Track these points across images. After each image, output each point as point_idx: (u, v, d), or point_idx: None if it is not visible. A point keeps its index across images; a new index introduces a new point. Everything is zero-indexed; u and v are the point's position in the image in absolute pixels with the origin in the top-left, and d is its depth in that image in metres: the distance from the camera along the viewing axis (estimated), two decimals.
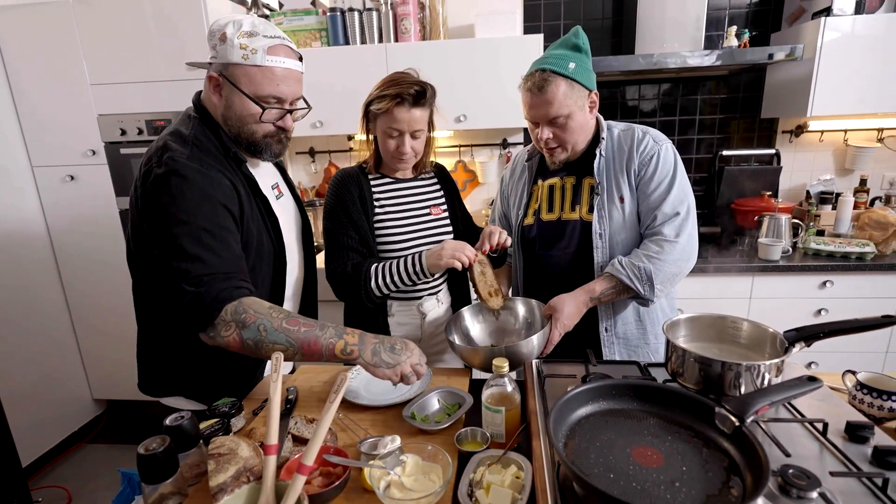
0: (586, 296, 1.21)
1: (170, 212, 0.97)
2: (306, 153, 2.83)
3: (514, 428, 0.94)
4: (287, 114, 1.11)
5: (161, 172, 0.99)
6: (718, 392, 0.87)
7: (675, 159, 1.28)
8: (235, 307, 0.95)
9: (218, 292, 0.94)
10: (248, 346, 0.95)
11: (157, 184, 0.99)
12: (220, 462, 0.81)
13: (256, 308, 0.96)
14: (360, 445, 0.90)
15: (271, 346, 0.94)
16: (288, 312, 0.98)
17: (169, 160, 1.00)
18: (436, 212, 1.40)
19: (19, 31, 2.23)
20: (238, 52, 1.02)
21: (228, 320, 0.95)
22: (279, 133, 1.12)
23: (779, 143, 2.56)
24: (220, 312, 0.94)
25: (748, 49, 2.12)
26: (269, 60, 1.03)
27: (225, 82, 1.05)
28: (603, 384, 0.85)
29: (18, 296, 2.36)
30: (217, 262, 0.98)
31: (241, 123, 1.08)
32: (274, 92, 1.06)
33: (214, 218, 1.00)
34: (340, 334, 0.97)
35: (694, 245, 1.24)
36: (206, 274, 0.96)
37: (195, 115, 1.11)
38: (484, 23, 2.30)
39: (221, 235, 1.00)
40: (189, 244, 0.96)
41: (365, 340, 0.98)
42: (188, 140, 1.05)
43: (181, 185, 0.98)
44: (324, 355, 0.96)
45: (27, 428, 2.33)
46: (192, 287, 0.95)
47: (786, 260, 2.11)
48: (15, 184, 2.37)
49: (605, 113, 2.60)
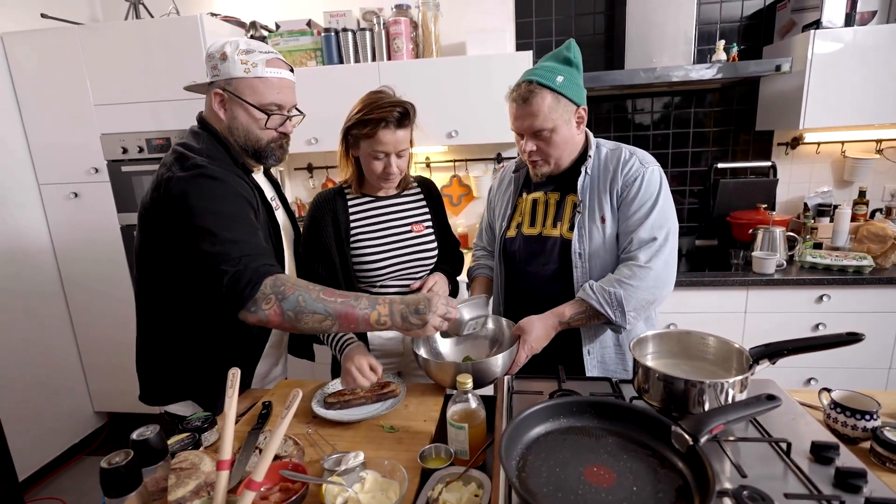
0: (556, 319, 1.20)
1: (200, 205, 1.03)
2: (304, 169, 2.88)
3: (479, 444, 0.93)
4: (287, 120, 1.21)
5: (186, 175, 1.05)
6: (683, 409, 0.86)
7: (661, 183, 1.23)
8: (274, 281, 1.00)
9: (257, 267, 1.00)
10: (287, 317, 1.00)
11: (183, 184, 1.04)
12: (180, 476, 0.82)
13: (294, 281, 1.02)
14: (324, 461, 0.91)
15: (311, 316, 1.00)
16: (323, 286, 1.04)
17: (192, 165, 1.07)
18: (417, 228, 1.41)
19: (29, 55, 2.33)
20: (240, 66, 1.12)
21: (268, 293, 1.00)
22: (281, 139, 1.21)
23: (775, 156, 2.54)
24: (260, 286, 0.99)
25: (752, 62, 2.11)
26: (269, 72, 1.14)
27: (230, 96, 1.14)
28: (562, 402, 0.85)
29: (24, 308, 2.42)
30: (251, 244, 1.04)
31: (248, 132, 1.17)
32: (275, 100, 1.15)
33: (241, 209, 1.08)
34: (374, 304, 1.04)
35: (670, 272, 1.21)
36: (243, 255, 1.01)
37: (202, 131, 1.18)
38: (475, 40, 2.34)
39: (250, 223, 1.08)
40: (222, 230, 1.02)
41: (394, 310, 1.05)
42: (202, 152, 1.12)
43: (209, 183, 1.06)
44: (360, 325, 1.03)
45: (29, 439, 2.37)
46: (230, 267, 0.99)
47: (781, 273, 2.08)
48: (22, 200, 2.45)
49: (600, 127, 2.63)
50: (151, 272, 1.17)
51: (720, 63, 2.16)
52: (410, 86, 2.35)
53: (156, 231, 1.11)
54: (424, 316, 1.04)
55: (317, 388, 1.21)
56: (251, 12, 2.68)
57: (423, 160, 2.76)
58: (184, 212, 1.03)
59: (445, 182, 2.77)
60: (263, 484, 0.82)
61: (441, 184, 2.78)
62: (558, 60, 1.22)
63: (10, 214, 2.38)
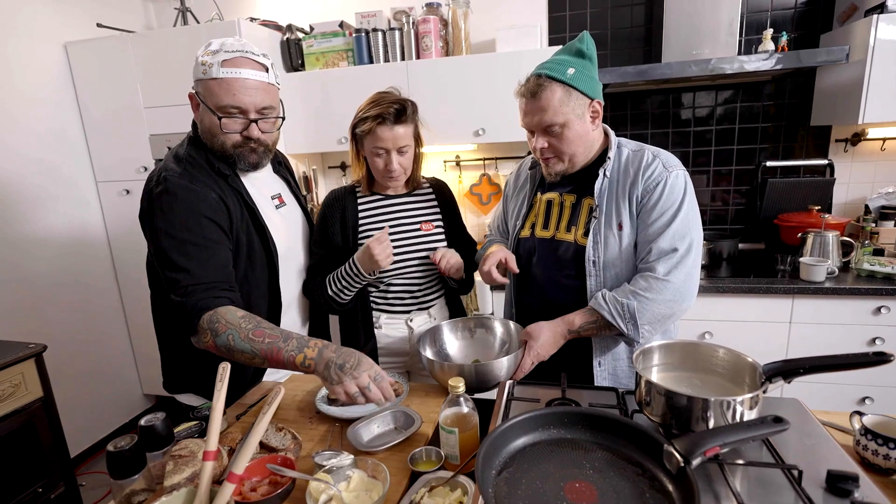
0: (565, 327, 1.15)
1: (160, 227, 1.08)
2: (338, 167, 2.95)
3: (471, 450, 0.91)
4: (251, 123, 1.13)
5: (156, 191, 1.10)
6: (685, 427, 0.81)
7: (685, 189, 1.15)
8: (210, 317, 1.03)
9: (196, 302, 1.03)
10: (222, 351, 1.04)
11: (150, 201, 1.10)
12: (178, 463, 0.86)
13: (228, 318, 1.03)
14: (315, 457, 0.92)
15: (241, 354, 1.02)
16: (258, 322, 1.04)
17: (163, 179, 1.10)
18: (426, 227, 1.41)
19: (88, 62, 2.52)
20: (200, 68, 1.10)
21: (205, 328, 1.03)
22: (247, 143, 1.15)
23: (832, 153, 2.33)
24: (198, 320, 1.03)
25: (816, 50, 1.93)
26: (224, 72, 1.07)
27: (199, 99, 1.13)
28: (552, 411, 0.82)
29: (81, 297, 2.63)
30: (201, 273, 1.06)
31: (211, 136, 1.14)
32: (231, 102, 1.09)
33: (199, 231, 1.08)
34: (302, 347, 1.01)
35: (691, 286, 1.13)
36: (190, 284, 1.05)
37: (191, 135, 1.21)
38: (505, 37, 2.30)
39: (207, 246, 1.09)
40: (176, 256, 1.06)
41: (323, 355, 1.00)
42: (182, 159, 1.15)
43: (170, 202, 1.08)
44: (286, 365, 1.01)
45: (83, 419, 2.58)
46: (177, 297, 1.05)
47: (833, 282, 1.91)
48: (83, 197, 2.66)
49: (637, 124, 2.51)
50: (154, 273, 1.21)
51: (778, 53, 1.99)
52: (438, 84, 2.37)
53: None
54: (344, 376, 0.96)
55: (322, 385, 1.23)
56: (288, 15, 2.77)
57: (454, 158, 2.75)
58: (147, 229, 1.10)
59: (475, 181, 2.75)
60: (252, 476, 0.85)
61: (470, 182, 2.76)
62: (570, 53, 1.17)
63: (73, 210, 2.60)
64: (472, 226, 2.84)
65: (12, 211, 2.31)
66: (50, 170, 2.48)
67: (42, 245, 2.44)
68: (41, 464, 1.86)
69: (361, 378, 0.97)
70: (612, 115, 2.53)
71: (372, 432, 1.03)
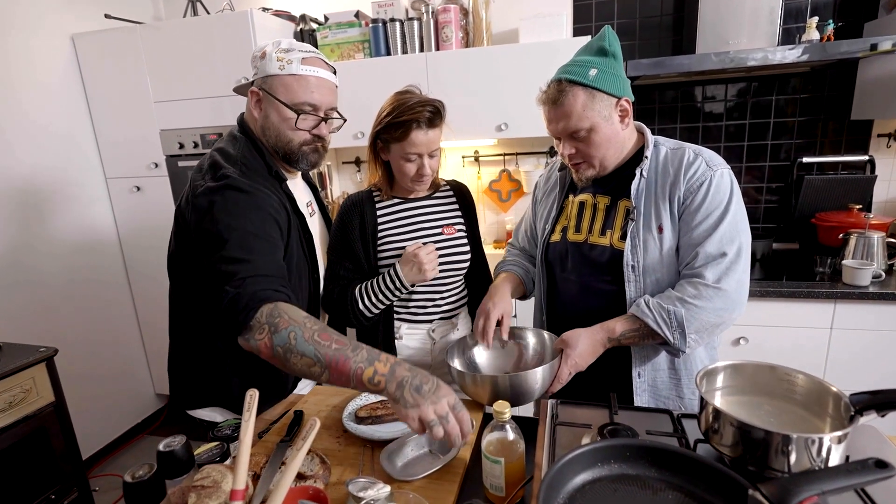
0: (604, 334, 1.08)
1: (223, 219, 1.00)
2: (352, 163, 2.86)
3: (517, 481, 0.84)
4: (322, 122, 1.15)
5: (215, 185, 1.04)
6: (761, 464, 0.73)
7: (732, 189, 1.07)
8: (272, 310, 0.91)
9: (255, 291, 0.92)
10: (277, 353, 0.90)
11: (211, 195, 1.03)
12: (200, 496, 0.79)
13: (291, 314, 0.91)
14: (349, 485, 0.85)
15: (300, 358, 0.88)
16: (324, 325, 0.92)
17: (223, 176, 1.05)
18: (449, 231, 1.33)
19: (96, 55, 2.44)
20: (276, 63, 1.09)
21: (263, 322, 0.91)
22: (315, 141, 1.16)
23: (874, 149, 2.21)
24: (255, 313, 0.91)
25: (844, 41, 1.81)
26: (304, 69, 1.10)
27: (265, 95, 1.12)
28: (613, 444, 0.74)
29: (92, 295, 2.58)
30: (262, 265, 0.98)
31: (278, 132, 1.13)
32: (308, 99, 1.11)
33: (263, 225, 1.03)
34: (372, 360, 0.87)
35: (742, 293, 1.05)
36: (249, 275, 0.95)
37: (241, 135, 1.16)
38: (528, 27, 2.19)
39: (270, 241, 1.03)
40: (236, 249, 0.98)
41: (396, 372, 0.86)
42: (237, 160, 1.10)
43: (235, 196, 1.03)
44: (351, 379, 0.86)
45: (95, 420, 2.54)
46: (232, 288, 0.93)
47: (878, 286, 1.81)
48: (93, 194, 2.60)
49: (665, 118, 2.40)
50: (183, 277, 1.16)
51: (806, 44, 1.88)
52: (459, 76, 2.28)
53: (187, 237, 1.09)
54: (420, 398, 0.83)
55: (349, 399, 1.16)
56: (301, 5, 2.68)
57: (472, 154, 2.66)
58: (207, 223, 1.01)
59: (494, 177, 2.66)
60: None
61: (490, 178, 2.67)
62: (591, 52, 1.10)
63: (83, 208, 2.54)
64: (491, 223, 2.76)
65: (20, 209, 2.25)
66: (58, 166, 2.42)
67: (51, 244, 2.39)
68: (54, 470, 1.82)
69: (440, 404, 0.84)
70: (640, 109, 2.42)
71: (406, 456, 0.96)
